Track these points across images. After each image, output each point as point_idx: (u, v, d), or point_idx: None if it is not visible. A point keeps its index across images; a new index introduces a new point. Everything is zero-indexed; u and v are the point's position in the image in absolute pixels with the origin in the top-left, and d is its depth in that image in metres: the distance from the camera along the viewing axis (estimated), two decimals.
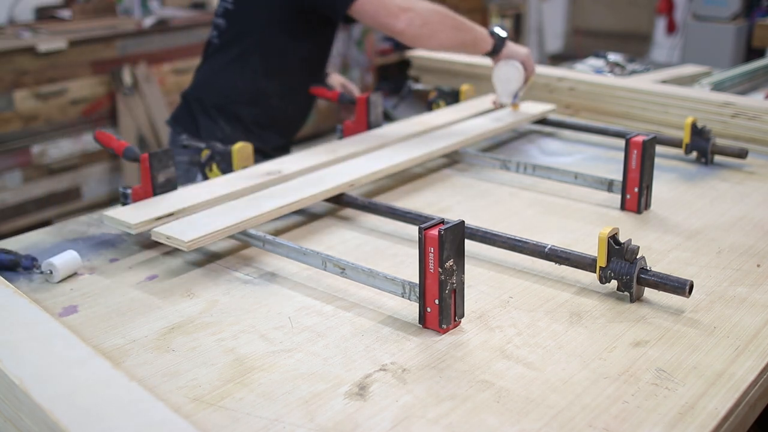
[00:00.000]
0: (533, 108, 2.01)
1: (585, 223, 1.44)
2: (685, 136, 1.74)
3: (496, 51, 1.85)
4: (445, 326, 1.06)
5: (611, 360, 0.99)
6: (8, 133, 3.54)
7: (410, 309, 1.11)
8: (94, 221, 1.48)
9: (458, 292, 1.06)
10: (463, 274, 1.06)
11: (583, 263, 1.17)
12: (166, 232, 1.26)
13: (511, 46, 1.88)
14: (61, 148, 3.75)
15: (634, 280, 1.12)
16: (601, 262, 1.14)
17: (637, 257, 1.12)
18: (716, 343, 1.03)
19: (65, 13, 4.03)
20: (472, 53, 1.87)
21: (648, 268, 1.13)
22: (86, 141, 3.80)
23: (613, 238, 1.13)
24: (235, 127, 1.98)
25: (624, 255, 1.12)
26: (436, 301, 1.04)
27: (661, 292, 1.12)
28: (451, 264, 1.03)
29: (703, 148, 1.73)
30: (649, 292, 1.15)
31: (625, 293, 1.14)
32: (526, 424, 0.86)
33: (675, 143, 1.77)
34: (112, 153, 1.45)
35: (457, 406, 0.90)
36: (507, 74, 1.89)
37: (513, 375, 0.96)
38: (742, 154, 1.69)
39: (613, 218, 1.45)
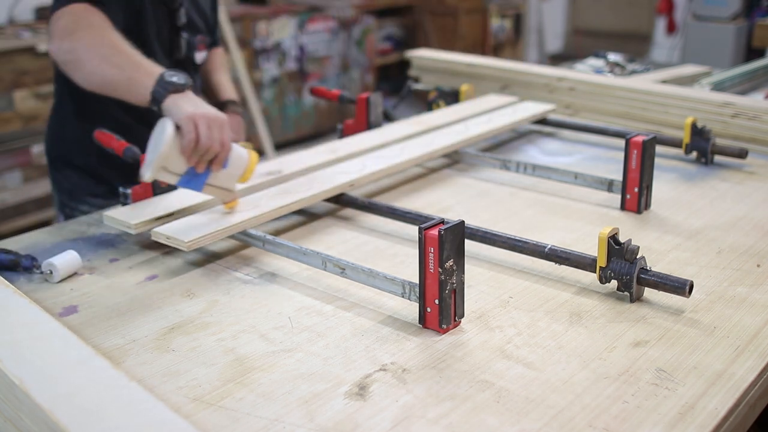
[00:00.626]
0: (533, 108, 2.01)
1: (585, 223, 1.44)
2: (685, 136, 1.74)
3: (156, 100, 1.30)
4: (445, 326, 1.06)
5: (611, 360, 0.99)
6: (8, 133, 3.54)
7: (410, 309, 1.11)
8: (94, 221, 1.48)
9: (458, 292, 1.06)
10: (463, 274, 1.06)
11: (583, 263, 1.17)
12: (166, 232, 1.26)
13: (181, 102, 1.28)
14: None
15: (634, 280, 1.12)
16: (601, 262, 1.14)
17: (637, 257, 1.12)
18: (716, 343, 1.03)
19: None
20: (128, 97, 1.37)
21: (648, 268, 1.13)
22: None
23: (613, 238, 1.13)
24: (81, 174, 1.73)
25: (624, 255, 1.12)
26: (436, 301, 1.04)
27: (661, 292, 1.12)
28: (451, 264, 1.03)
29: (703, 148, 1.73)
30: (649, 292, 1.15)
31: (625, 293, 1.14)
32: (526, 424, 0.86)
33: (675, 143, 1.77)
34: (112, 153, 1.45)
35: (457, 406, 0.90)
36: (156, 135, 1.29)
37: (513, 375, 0.96)
38: (742, 154, 1.69)
39: (613, 218, 1.45)
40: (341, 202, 1.49)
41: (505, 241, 1.26)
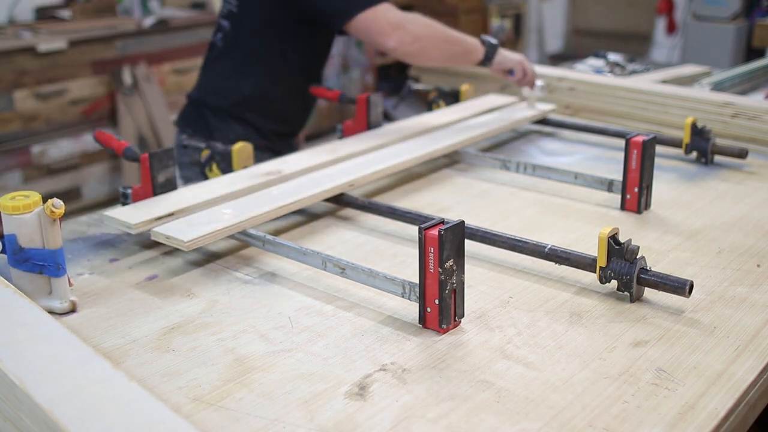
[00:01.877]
0: (533, 108, 2.01)
1: (585, 223, 1.44)
2: (685, 136, 1.74)
3: (488, 59, 1.88)
4: (445, 326, 1.06)
5: (611, 360, 0.99)
6: (8, 133, 3.54)
7: (410, 309, 1.11)
8: (94, 221, 1.48)
9: (458, 292, 1.06)
10: (463, 274, 1.06)
11: (583, 263, 1.17)
12: (166, 232, 1.26)
13: (503, 54, 1.91)
14: (61, 148, 3.75)
15: (634, 280, 1.12)
16: (601, 262, 1.14)
17: (637, 257, 1.12)
18: (716, 343, 1.03)
19: (65, 13, 4.03)
20: (464, 64, 1.92)
21: (648, 268, 1.13)
22: (86, 141, 3.80)
23: (613, 238, 1.13)
24: (247, 128, 2.01)
25: (624, 255, 1.12)
26: (436, 301, 1.04)
27: (661, 292, 1.12)
28: (451, 264, 1.03)
29: (703, 148, 1.73)
30: (649, 292, 1.15)
31: (625, 293, 1.14)
32: (526, 424, 0.86)
33: (675, 143, 1.77)
34: (112, 153, 1.45)
35: (457, 406, 0.90)
36: None
37: (513, 375, 0.96)
38: (742, 154, 1.69)
39: (613, 218, 1.45)
40: (341, 202, 1.49)
41: (505, 241, 1.26)
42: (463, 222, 1.04)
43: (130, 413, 0.81)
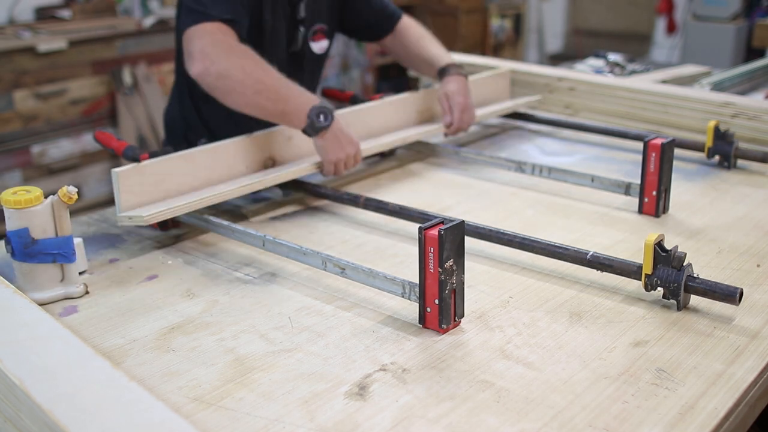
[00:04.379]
0: (512, 102, 2.03)
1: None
2: (708, 139, 1.71)
3: (307, 134, 1.52)
4: (445, 326, 1.06)
5: (611, 360, 0.99)
6: (8, 133, 3.54)
7: (410, 309, 1.11)
8: (94, 221, 1.48)
9: (458, 292, 1.05)
10: (463, 274, 1.05)
11: (628, 271, 1.14)
12: (129, 213, 1.30)
13: (326, 141, 1.52)
14: (61, 148, 3.75)
15: (682, 288, 1.09)
16: (647, 269, 1.10)
17: (684, 264, 1.09)
18: (716, 343, 1.03)
19: (65, 13, 4.03)
20: (279, 124, 1.57)
21: (695, 275, 1.11)
22: (86, 141, 3.79)
23: (659, 245, 1.10)
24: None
25: (671, 262, 1.09)
26: (436, 301, 1.04)
27: (708, 299, 1.09)
28: (451, 264, 1.03)
29: (726, 152, 1.70)
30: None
31: (672, 301, 1.11)
32: (526, 424, 0.86)
33: (697, 147, 1.75)
34: (112, 153, 1.45)
35: (457, 406, 0.90)
36: None
37: (513, 375, 0.96)
38: (766, 158, 1.66)
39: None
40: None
41: (544, 248, 1.22)
42: (463, 222, 1.04)
43: (129, 413, 0.81)
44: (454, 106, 1.79)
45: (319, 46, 1.82)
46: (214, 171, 1.47)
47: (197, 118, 1.80)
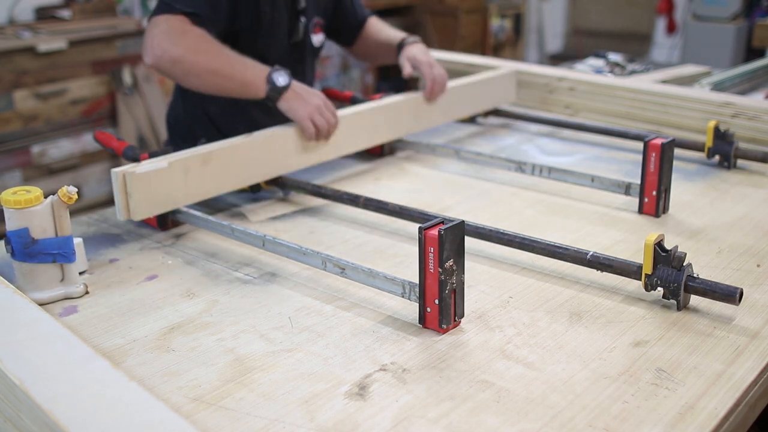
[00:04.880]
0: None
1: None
2: (708, 139, 1.71)
3: (270, 100, 1.54)
4: (445, 326, 1.06)
5: (611, 360, 0.99)
6: (8, 133, 3.54)
7: (410, 309, 1.11)
8: (94, 221, 1.48)
9: (458, 292, 1.05)
10: (463, 274, 1.05)
11: (628, 271, 1.14)
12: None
13: (291, 102, 1.54)
14: (61, 148, 3.74)
15: (682, 288, 1.09)
16: (647, 269, 1.10)
17: (684, 264, 1.09)
18: (716, 343, 1.03)
19: (65, 13, 4.03)
20: (242, 97, 1.57)
21: (695, 275, 1.11)
22: (86, 141, 3.79)
23: (659, 245, 1.10)
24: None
25: (671, 262, 1.09)
26: (436, 301, 1.04)
27: (708, 299, 1.09)
28: (451, 264, 1.03)
29: (726, 152, 1.70)
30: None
31: (672, 300, 1.11)
32: (526, 424, 0.86)
33: (697, 147, 1.75)
34: (112, 153, 1.45)
35: (457, 406, 0.90)
36: None
37: (513, 375, 0.96)
38: (766, 158, 1.66)
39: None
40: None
41: (544, 248, 1.22)
42: (463, 222, 1.04)
43: (129, 413, 0.81)
44: (421, 64, 1.81)
45: (317, 39, 1.83)
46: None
47: (202, 112, 1.80)
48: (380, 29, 1.96)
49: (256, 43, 1.66)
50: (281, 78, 1.52)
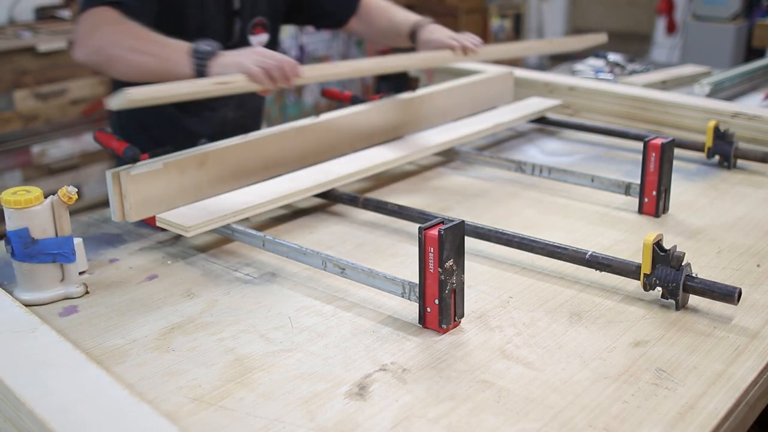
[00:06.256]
0: (538, 103, 2.00)
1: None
2: (708, 139, 1.71)
3: (200, 71, 1.40)
4: (445, 326, 1.06)
5: (611, 360, 0.99)
6: (8, 133, 3.54)
7: (410, 309, 1.11)
8: (94, 221, 1.48)
9: (458, 292, 1.05)
10: (463, 274, 1.05)
11: (626, 270, 1.14)
12: (170, 218, 1.28)
13: (222, 61, 1.39)
14: (61, 148, 3.75)
15: (681, 288, 1.09)
16: (646, 269, 1.10)
17: (683, 264, 1.09)
18: (716, 343, 1.03)
19: (65, 13, 4.03)
20: (170, 79, 1.36)
21: (694, 275, 1.11)
22: (86, 141, 3.79)
23: (658, 245, 1.10)
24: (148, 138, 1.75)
25: (669, 262, 1.09)
26: (436, 301, 1.04)
27: (707, 299, 1.09)
28: (451, 264, 1.03)
29: (726, 152, 1.70)
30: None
31: (671, 300, 1.11)
32: (526, 424, 0.86)
33: (696, 147, 1.74)
34: (112, 153, 1.45)
35: (457, 406, 0.90)
36: None
37: (513, 375, 0.96)
38: (766, 158, 1.66)
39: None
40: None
41: (544, 248, 1.22)
42: (463, 222, 1.04)
43: (121, 420, 0.81)
44: (450, 44, 1.73)
45: (257, 40, 1.77)
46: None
47: (135, 127, 1.75)
48: (384, 10, 1.87)
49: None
50: (205, 45, 1.41)
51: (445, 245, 1.01)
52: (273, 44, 1.82)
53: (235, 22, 1.70)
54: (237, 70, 1.38)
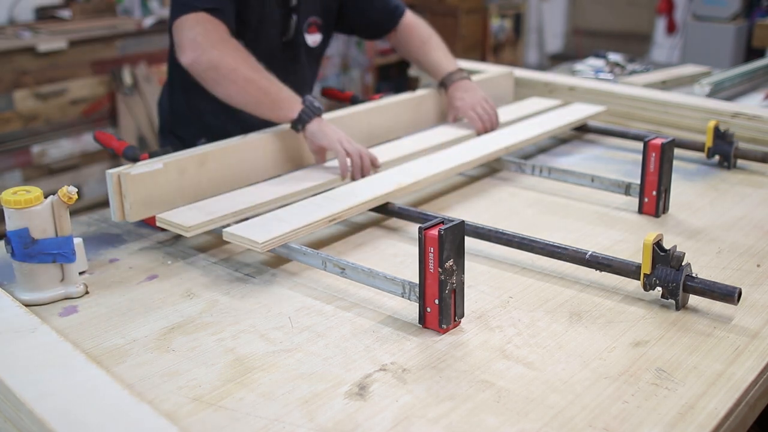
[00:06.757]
0: (584, 110, 1.96)
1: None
2: (708, 139, 1.71)
3: (301, 122, 1.51)
4: (445, 326, 1.06)
5: (611, 360, 0.99)
6: (8, 133, 3.54)
7: (410, 309, 1.11)
8: (94, 221, 1.48)
9: (458, 292, 1.05)
10: (463, 274, 1.05)
11: (626, 270, 1.14)
12: (239, 233, 1.24)
13: (323, 128, 1.51)
14: (61, 148, 3.74)
15: (681, 288, 1.09)
16: (646, 269, 1.10)
17: (683, 264, 1.09)
18: (716, 343, 1.03)
19: (65, 13, 4.03)
20: (269, 116, 1.53)
21: (694, 275, 1.11)
22: (86, 141, 3.79)
23: (658, 245, 1.10)
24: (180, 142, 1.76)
25: (669, 262, 1.09)
26: (436, 301, 1.04)
27: (707, 299, 1.09)
28: (451, 264, 1.03)
29: (726, 152, 1.70)
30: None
31: (671, 300, 1.11)
32: (526, 424, 0.86)
33: (696, 147, 1.74)
34: (112, 153, 1.45)
35: (457, 406, 0.90)
36: None
37: (513, 375, 0.96)
38: (766, 158, 1.66)
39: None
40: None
41: (544, 248, 1.22)
42: (463, 222, 1.04)
43: (120, 420, 0.81)
44: (464, 112, 1.82)
45: (312, 39, 1.81)
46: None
47: (187, 111, 1.79)
48: (425, 47, 1.92)
49: (245, 38, 1.65)
50: (316, 102, 1.53)
51: (445, 245, 1.01)
52: (324, 46, 1.86)
53: (291, 17, 1.73)
54: (331, 140, 1.50)
